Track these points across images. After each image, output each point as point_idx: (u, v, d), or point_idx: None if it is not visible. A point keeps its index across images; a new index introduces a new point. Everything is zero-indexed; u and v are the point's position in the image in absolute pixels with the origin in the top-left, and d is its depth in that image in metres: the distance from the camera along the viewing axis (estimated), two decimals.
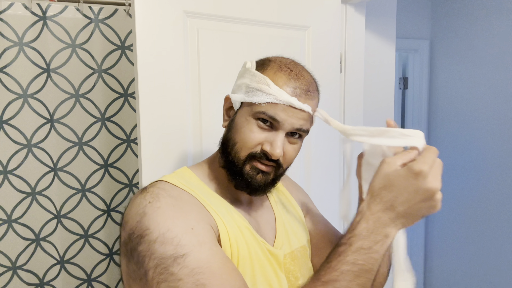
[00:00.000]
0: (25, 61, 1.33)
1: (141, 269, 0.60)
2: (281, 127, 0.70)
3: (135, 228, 0.62)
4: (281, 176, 0.77)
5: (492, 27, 2.11)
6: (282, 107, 0.69)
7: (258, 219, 0.80)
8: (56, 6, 1.34)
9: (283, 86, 0.70)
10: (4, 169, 1.35)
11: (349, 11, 1.44)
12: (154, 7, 0.99)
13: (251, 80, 0.72)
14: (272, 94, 0.69)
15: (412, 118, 2.61)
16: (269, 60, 0.74)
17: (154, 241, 0.59)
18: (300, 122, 0.70)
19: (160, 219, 0.61)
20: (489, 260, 2.17)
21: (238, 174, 0.72)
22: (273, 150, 0.69)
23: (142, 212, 0.62)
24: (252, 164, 0.71)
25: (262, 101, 0.69)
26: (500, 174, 2.09)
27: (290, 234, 0.83)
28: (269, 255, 0.74)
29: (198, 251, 0.59)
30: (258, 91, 0.70)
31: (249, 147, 0.71)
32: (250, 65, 0.74)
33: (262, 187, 0.73)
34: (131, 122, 1.45)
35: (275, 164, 0.72)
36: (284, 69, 0.72)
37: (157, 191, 0.67)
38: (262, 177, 0.72)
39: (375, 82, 1.63)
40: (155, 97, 1.01)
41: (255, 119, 0.71)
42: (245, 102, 0.73)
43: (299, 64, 0.75)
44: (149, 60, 1.00)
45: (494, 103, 2.11)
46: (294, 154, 0.74)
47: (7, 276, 1.38)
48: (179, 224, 0.61)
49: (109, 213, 1.47)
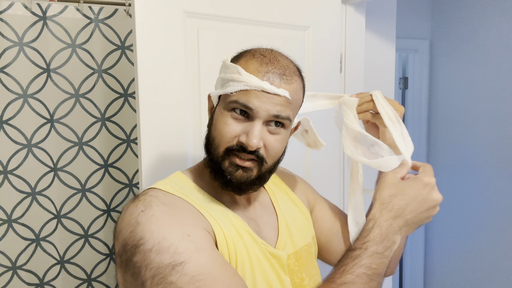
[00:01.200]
0: (25, 61, 1.33)
1: (137, 280, 0.58)
2: (256, 115, 0.65)
3: (129, 238, 0.59)
4: (270, 173, 0.72)
5: (492, 27, 2.11)
6: (254, 93, 0.64)
7: (259, 220, 0.77)
8: (56, 6, 1.35)
9: (254, 72, 0.66)
10: (4, 169, 1.35)
11: (349, 11, 1.44)
12: (154, 7, 0.99)
13: (225, 73, 0.69)
14: (243, 81, 0.65)
15: (412, 118, 2.61)
16: (244, 51, 0.71)
17: (150, 250, 0.57)
18: (277, 108, 0.65)
19: (154, 227, 0.58)
20: (489, 261, 2.17)
21: (218, 171, 0.68)
22: (249, 140, 0.64)
23: (135, 222, 0.60)
24: (231, 160, 0.67)
25: (234, 90, 0.65)
26: (500, 174, 2.09)
27: (294, 233, 0.80)
28: (271, 257, 0.71)
29: (197, 257, 0.57)
30: (230, 81, 0.67)
31: (225, 141, 0.67)
32: (225, 58, 0.71)
33: (244, 185, 0.68)
34: (131, 122, 1.46)
35: (256, 158, 0.67)
36: (257, 56, 0.68)
37: (149, 199, 0.64)
38: (242, 174, 0.67)
39: (375, 82, 1.63)
40: (155, 97, 1.01)
41: (229, 111, 0.67)
42: (221, 96, 0.70)
43: (276, 51, 0.71)
44: (149, 60, 1.00)
45: (494, 103, 2.11)
46: (277, 145, 0.68)
47: (7, 276, 1.38)
48: (174, 231, 0.59)
49: (109, 213, 1.47)
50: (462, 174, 2.31)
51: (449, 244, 2.45)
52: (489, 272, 2.17)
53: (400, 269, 2.79)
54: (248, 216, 0.75)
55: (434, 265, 2.58)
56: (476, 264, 2.25)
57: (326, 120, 1.32)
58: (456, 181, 2.35)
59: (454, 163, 2.36)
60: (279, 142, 0.69)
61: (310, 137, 0.86)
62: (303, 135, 0.87)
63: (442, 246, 2.51)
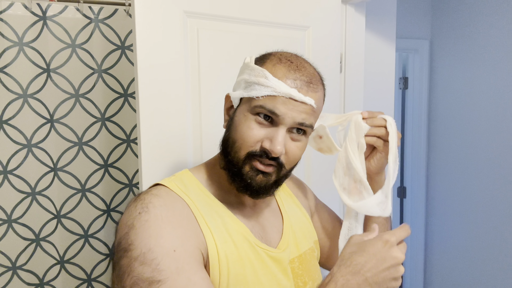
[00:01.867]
0: (25, 61, 1.33)
1: (119, 284, 0.59)
2: (282, 121, 0.65)
3: (122, 239, 0.61)
4: (286, 178, 0.72)
5: (492, 27, 2.11)
6: (281, 99, 0.64)
7: (264, 223, 0.76)
8: (56, 6, 1.34)
9: (282, 78, 0.65)
10: (4, 169, 1.35)
11: (349, 11, 1.44)
12: (154, 7, 0.99)
13: (250, 75, 0.68)
14: (271, 87, 0.64)
15: (412, 118, 2.61)
16: (269, 54, 0.71)
17: (135, 259, 0.58)
18: (302, 116, 0.65)
19: (144, 235, 0.59)
20: (489, 261, 2.17)
21: (238, 175, 0.68)
22: (273, 146, 0.64)
23: (131, 224, 0.61)
24: (252, 164, 0.66)
25: (260, 95, 0.65)
26: (500, 174, 2.09)
27: (299, 236, 0.80)
28: (271, 262, 0.71)
29: (174, 280, 0.57)
30: (256, 84, 0.66)
31: (248, 145, 0.66)
32: (249, 60, 0.71)
33: (263, 189, 0.68)
34: (131, 122, 1.45)
35: (276, 164, 0.67)
36: (284, 61, 0.68)
37: (149, 199, 0.64)
38: (262, 178, 0.67)
39: (375, 82, 1.63)
40: (155, 97, 1.01)
41: (254, 115, 0.66)
42: (244, 99, 0.69)
43: (301, 57, 0.71)
44: (149, 60, 1.00)
45: (494, 103, 2.11)
46: (298, 152, 0.69)
47: (7, 276, 1.38)
48: (162, 244, 0.59)
49: (109, 213, 1.47)
50: (462, 174, 2.31)
51: (449, 244, 2.45)
52: (489, 272, 2.17)
53: None
54: (254, 219, 0.75)
55: (434, 265, 2.58)
56: (476, 264, 2.25)
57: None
58: (456, 181, 2.35)
59: (454, 163, 2.36)
60: (300, 149, 0.69)
61: (324, 143, 0.85)
62: (316, 140, 0.86)
63: (442, 246, 2.51)
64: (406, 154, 2.70)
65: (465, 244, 2.32)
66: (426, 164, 2.58)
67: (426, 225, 2.61)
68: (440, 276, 2.53)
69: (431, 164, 2.54)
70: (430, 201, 2.57)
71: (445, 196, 2.43)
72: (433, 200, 2.54)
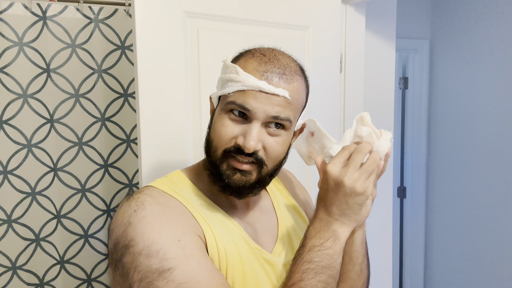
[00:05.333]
0: (25, 61, 1.33)
1: (125, 282, 0.57)
2: (254, 116, 0.63)
3: (120, 238, 0.59)
4: (271, 176, 0.69)
5: (492, 27, 2.11)
6: (252, 94, 0.62)
7: (256, 225, 0.75)
8: (56, 6, 1.34)
9: (252, 71, 0.63)
10: (4, 169, 1.35)
11: (349, 11, 1.44)
12: (154, 7, 0.99)
13: (224, 73, 0.67)
14: (240, 81, 0.63)
15: (412, 118, 2.61)
16: (245, 51, 0.69)
17: (139, 253, 0.57)
18: (276, 108, 0.63)
19: (145, 229, 0.58)
20: (489, 261, 2.17)
21: (217, 175, 0.66)
22: (245, 142, 0.62)
23: (127, 222, 0.59)
24: (228, 162, 0.65)
25: (231, 91, 0.63)
26: (500, 173, 2.09)
27: (295, 239, 0.78)
28: (265, 264, 0.70)
29: (185, 265, 0.56)
30: (229, 81, 0.65)
31: (223, 143, 0.65)
32: (225, 58, 0.69)
33: (243, 189, 0.66)
34: (131, 122, 1.45)
35: (255, 160, 0.65)
36: (256, 55, 0.66)
37: (142, 198, 0.63)
38: (241, 177, 0.65)
39: (375, 82, 1.63)
40: (155, 97, 1.01)
41: (227, 112, 0.65)
42: (221, 97, 0.68)
43: (278, 50, 0.68)
44: (149, 60, 1.00)
45: (494, 103, 2.11)
46: (278, 148, 0.66)
47: (7, 276, 1.38)
48: (165, 235, 0.58)
49: (109, 213, 1.47)
50: (462, 174, 2.31)
51: (449, 244, 2.45)
52: (489, 272, 2.17)
53: (400, 269, 2.79)
54: (246, 221, 0.74)
55: (434, 265, 2.58)
56: (476, 264, 2.25)
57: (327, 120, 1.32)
58: (456, 181, 2.35)
59: (454, 163, 2.36)
60: (280, 145, 0.66)
61: (316, 141, 0.80)
62: (308, 140, 0.82)
63: (442, 246, 2.51)
64: (406, 154, 2.70)
65: (465, 244, 2.32)
66: (426, 164, 2.58)
67: (426, 225, 2.61)
68: (440, 276, 2.53)
69: (431, 164, 2.54)
70: (430, 201, 2.57)
71: (445, 196, 2.43)
72: (433, 200, 2.54)
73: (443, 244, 2.49)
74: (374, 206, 0.86)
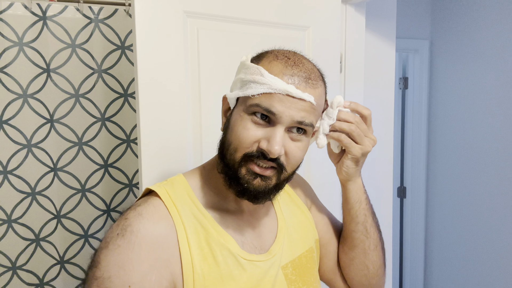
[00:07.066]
0: (25, 61, 1.33)
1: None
2: (279, 120, 0.61)
3: (97, 253, 0.61)
4: (287, 181, 0.68)
5: (492, 27, 2.11)
6: (278, 97, 0.60)
7: (260, 229, 0.74)
8: (56, 6, 1.34)
9: (279, 74, 0.62)
10: (4, 169, 1.35)
11: (349, 11, 1.44)
12: (154, 7, 0.99)
13: (245, 73, 0.65)
14: (266, 84, 0.61)
15: (412, 118, 2.61)
16: (266, 52, 0.68)
17: (96, 279, 0.59)
18: (301, 114, 0.62)
19: (111, 260, 0.58)
20: (489, 261, 2.17)
21: (234, 179, 0.64)
22: (270, 147, 0.60)
23: (107, 243, 0.60)
24: (248, 167, 0.63)
25: (256, 93, 0.61)
26: (500, 174, 2.09)
27: (296, 239, 0.77)
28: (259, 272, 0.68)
29: None
30: (252, 82, 0.63)
31: (244, 146, 0.62)
32: (245, 59, 0.68)
33: (261, 194, 0.64)
34: (131, 122, 1.45)
35: (276, 165, 0.63)
36: (281, 57, 0.64)
37: (130, 221, 0.61)
38: (261, 182, 0.63)
39: (375, 82, 1.63)
40: (155, 97, 1.01)
41: (250, 115, 0.62)
42: (240, 99, 0.65)
43: (299, 54, 0.68)
44: (149, 60, 1.00)
45: (494, 103, 2.11)
46: (298, 153, 0.65)
47: (7, 276, 1.38)
48: (121, 276, 0.58)
49: (109, 213, 1.47)
50: (462, 173, 2.31)
51: (449, 244, 2.45)
52: (489, 272, 2.17)
53: (400, 269, 2.79)
54: (249, 226, 0.72)
55: (434, 265, 2.58)
56: (476, 264, 2.25)
57: None
58: (456, 180, 2.35)
59: (454, 163, 2.36)
60: (301, 150, 0.65)
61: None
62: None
63: (442, 246, 2.51)
64: (406, 154, 2.70)
65: (465, 244, 2.32)
66: (426, 164, 2.58)
67: (426, 225, 2.61)
68: (440, 276, 2.53)
69: (431, 164, 2.54)
70: (430, 201, 2.57)
71: (445, 196, 2.43)
72: (433, 200, 2.54)
73: (443, 244, 2.49)
74: (374, 206, 0.86)
